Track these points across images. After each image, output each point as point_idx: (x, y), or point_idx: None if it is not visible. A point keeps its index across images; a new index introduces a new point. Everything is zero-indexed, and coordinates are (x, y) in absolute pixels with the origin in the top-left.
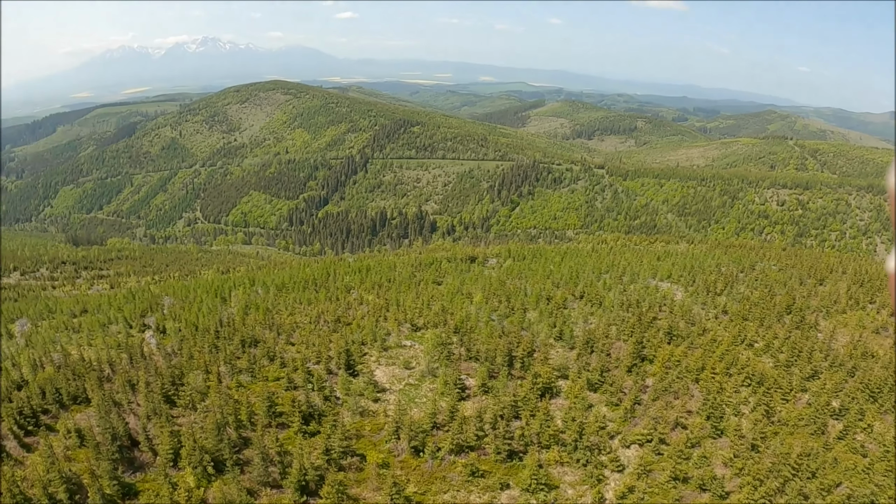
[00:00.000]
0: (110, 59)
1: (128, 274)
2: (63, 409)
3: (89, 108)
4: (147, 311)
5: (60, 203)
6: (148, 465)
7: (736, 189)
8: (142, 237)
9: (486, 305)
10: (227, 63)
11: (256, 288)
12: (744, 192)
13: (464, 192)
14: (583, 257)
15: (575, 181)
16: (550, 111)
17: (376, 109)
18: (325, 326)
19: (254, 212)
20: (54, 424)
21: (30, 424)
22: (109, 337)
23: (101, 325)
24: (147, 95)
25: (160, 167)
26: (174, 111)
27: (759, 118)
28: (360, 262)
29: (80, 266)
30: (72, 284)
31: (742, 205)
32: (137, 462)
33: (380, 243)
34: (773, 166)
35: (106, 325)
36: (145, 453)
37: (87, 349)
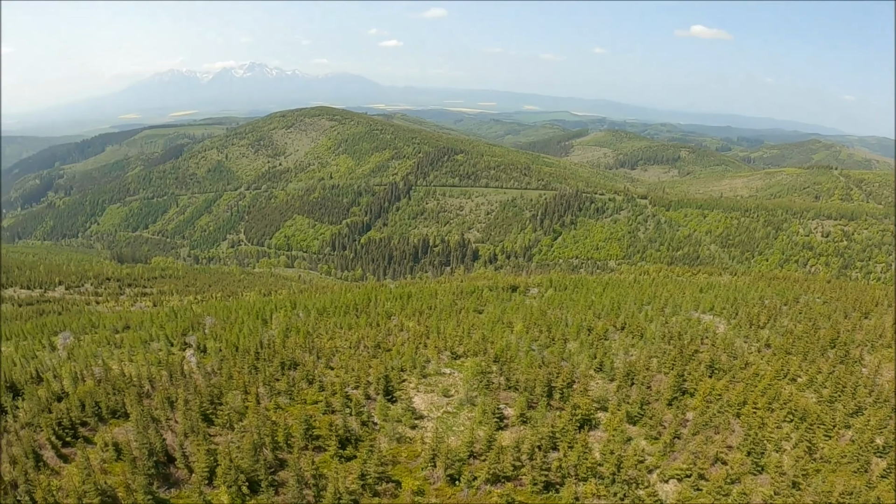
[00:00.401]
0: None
1: (171, 292)
2: (102, 422)
3: (137, 129)
4: (188, 329)
5: (107, 221)
6: (183, 481)
7: (780, 220)
8: (186, 257)
9: (527, 335)
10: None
11: (298, 311)
12: (788, 223)
13: (506, 221)
14: (625, 288)
15: (618, 211)
16: (594, 141)
17: (420, 137)
18: (365, 352)
19: (297, 236)
20: (92, 437)
21: (68, 436)
22: (150, 354)
23: (142, 342)
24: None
25: (206, 189)
26: (221, 134)
27: (804, 148)
28: (402, 288)
29: (124, 283)
30: (115, 300)
31: (786, 236)
32: (173, 478)
33: (422, 270)
34: (818, 197)
35: (147, 342)
36: (181, 470)
37: (127, 365)
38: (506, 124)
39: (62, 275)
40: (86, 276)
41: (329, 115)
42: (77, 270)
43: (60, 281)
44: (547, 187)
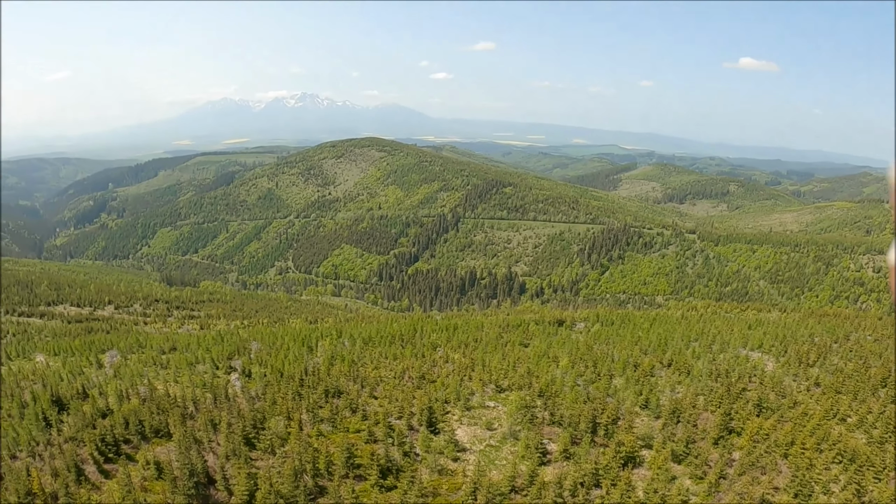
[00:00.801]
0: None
1: (218, 316)
2: (144, 440)
3: (190, 155)
4: (234, 353)
5: (158, 244)
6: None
7: (830, 255)
8: (234, 282)
9: (573, 370)
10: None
11: (343, 340)
12: (838, 258)
13: (554, 255)
14: (672, 324)
15: (666, 246)
16: (642, 174)
17: (469, 169)
18: (410, 382)
19: (344, 265)
20: (134, 454)
21: (110, 452)
22: (196, 376)
23: (188, 364)
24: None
25: (255, 216)
26: (271, 163)
27: (854, 181)
28: (448, 320)
29: (172, 305)
30: (163, 322)
31: (836, 272)
32: (212, 500)
33: (468, 302)
34: (869, 231)
35: (193, 364)
36: (221, 492)
37: (173, 385)
38: (554, 157)
39: (112, 294)
40: (135, 296)
41: (379, 146)
42: (127, 291)
43: (110, 300)
44: (595, 221)
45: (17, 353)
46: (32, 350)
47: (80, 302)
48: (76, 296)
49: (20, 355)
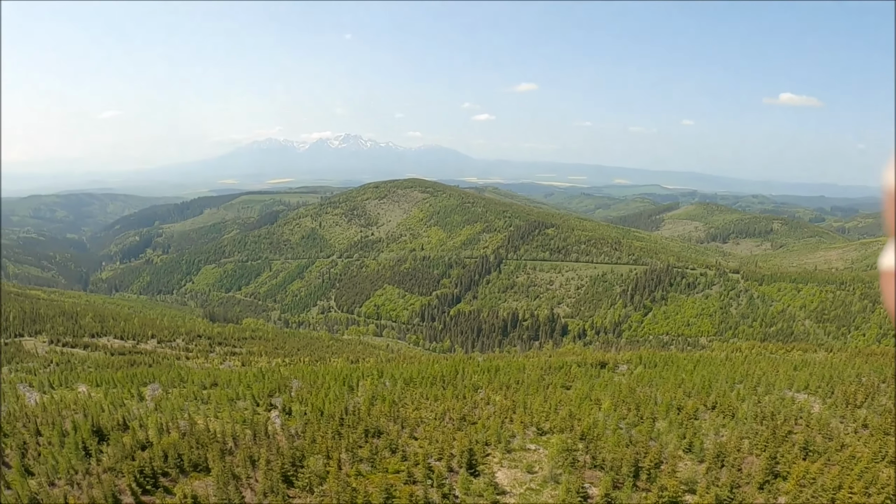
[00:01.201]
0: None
1: (259, 354)
2: (183, 474)
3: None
4: (275, 391)
5: (201, 280)
6: None
7: (877, 293)
8: (276, 320)
9: (615, 413)
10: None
11: (384, 380)
12: None
13: (596, 296)
14: (716, 366)
15: (709, 286)
16: (684, 214)
17: (511, 210)
18: (450, 424)
19: (387, 305)
20: (172, 487)
21: (149, 484)
22: (236, 412)
23: (228, 400)
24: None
25: (299, 255)
26: (315, 203)
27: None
28: (490, 361)
29: (214, 341)
30: (205, 357)
31: (883, 309)
32: None
33: (510, 344)
34: None
35: (234, 400)
36: None
37: (213, 420)
38: (596, 198)
39: (155, 328)
40: (178, 331)
41: (421, 187)
42: (170, 325)
43: (153, 334)
44: (637, 262)
45: (59, 382)
46: (75, 380)
47: (124, 335)
48: (120, 329)
49: (63, 385)
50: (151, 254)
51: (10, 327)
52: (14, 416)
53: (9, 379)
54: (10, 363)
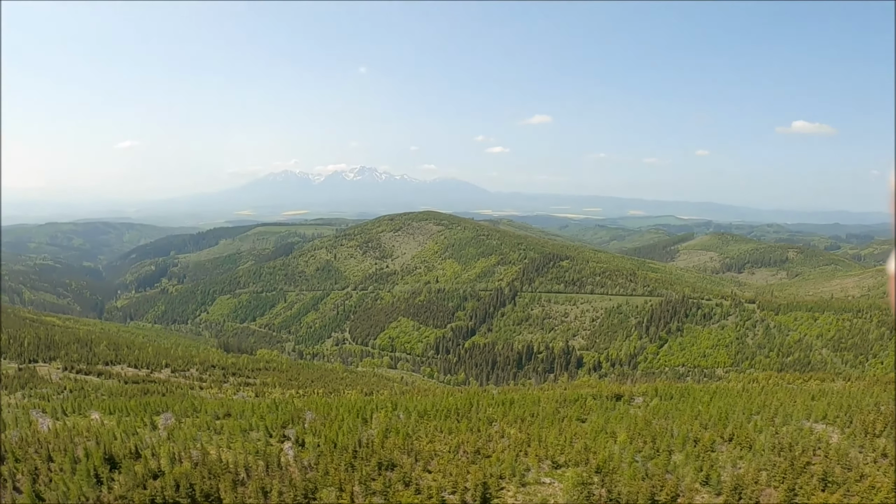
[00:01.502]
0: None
1: (273, 385)
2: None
3: (250, 225)
4: (288, 422)
5: (216, 310)
6: None
7: (893, 319)
8: (290, 351)
9: (631, 446)
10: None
11: (398, 412)
12: None
13: (612, 328)
14: (733, 397)
15: (725, 317)
16: (699, 244)
17: (526, 243)
18: (464, 457)
19: (401, 337)
20: None
21: None
22: (249, 443)
23: (241, 431)
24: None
25: (314, 287)
26: (330, 235)
27: None
28: (504, 394)
29: (228, 371)
30: (218, 388)
31: None
32: None
33: (525, 377)
34: None
35: (247, 431)
36: None
37: (225, 451)
38: (611, 230)
39: (169, 358)
40: (192, 361)
41: (436, 220)
42: (184, 355)
43: (167, 364)
44: (653, 293)
45: (72, 409)
46: (88, 407)
47: (138, 363)
48: (134, 357)
49: (76, 412)
50: (167, 283)
51: (25, 353)
52: (26, 442)
53: (22, 404)
54: (23, 388)
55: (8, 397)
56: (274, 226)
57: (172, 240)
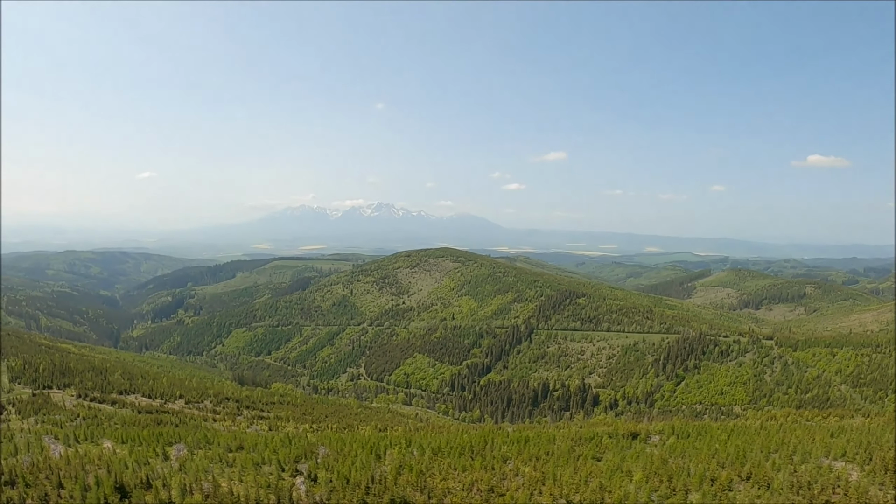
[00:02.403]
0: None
1: (287, 419)
2: None
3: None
4: (301, 457)
5: (232, 343)
6: None
7: None
8: (305, 386)
9: (647, 485)
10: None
11: (412, 449)
12: None
13: (628, 366)
14: (750, 435)
15: (743, 354)
16: (716, 281)
17: (542, 280)
18: (478, 495)
19: (416, 374)
20: None
21: None
22: (261, 476)
23: (254, 464)
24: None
25: (329, 322)
26: (347, 270)
27: None
28: (519, 432)
29: (242, 404)
30: (232, 420)
31: None
32: None
33: (540, 414)
34: None
35: (259, 465)
36: None
37: (237, 484)
38: (627, 267)
39: (183, 389)
40: (206, 392)
41: (453, 257)
42: (198, 386)
43: (181, 394)
44: (669, 330)
45: (85, 436)
46: (101, 435)
47: (152, 393)
48: (148, 387)
49: (88, 439)
50: (183, 314)
51: (40, 378)
52: (37, 468)
53: (35, 430)
54: (37, 414)
55: (21, 422)
56: (291, 260)
57: (190, 271)
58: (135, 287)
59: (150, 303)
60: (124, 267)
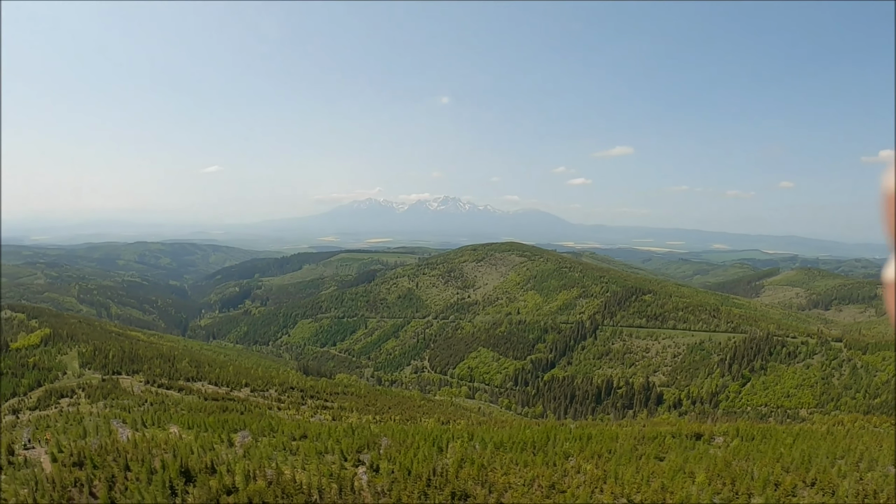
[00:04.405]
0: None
1: (350, 409)
2: None
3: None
4: (364, 447)
5: (297, 334)
6: None
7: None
8: (369, 377)
9: (709, 487)
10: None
11: (474, 443)
12: None
13: (693, 365)
14: (816, 440)
15: (811, 356)
16: (785, 280)
17: (608, 276)
18: (539, 491)
19: (480, 368)
20: None
21: None
22: (323, 465)
23: (317, 453)
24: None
25: (394, 314)
26: (412, 263)
27: None
28: (582, 429)
29: (306, 394)
30: (296, 409)
31: None
32: None
33: (603, 412)
34: None
35: (322, 454)
36: None
37: (300, 472)
38: (694, 264)
39: (249, 377)
40: (271, 382)
41: (519, 251)
42: (264, 375)
43: (247, 383)
44: (736, 330)
45: (152, 421)
46: (167, 421)
47: (218, 381)
48: (215, 375)
49: (155, 424)
50: (250, 305)
51: (109, 364)
52: (105, 450)
53: (103, 414)
54: (105, 398)
55: (90, 406)
56: (357, 253)
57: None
58: (203, 278)
59: (217, 293)
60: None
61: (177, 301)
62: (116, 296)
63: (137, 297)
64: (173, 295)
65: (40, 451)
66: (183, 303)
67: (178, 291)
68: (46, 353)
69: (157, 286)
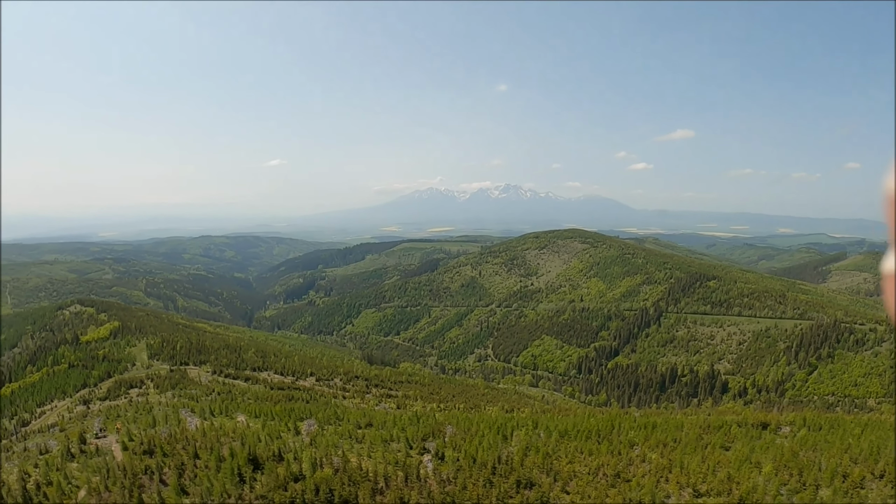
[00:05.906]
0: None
1: (415, 398)
2: None
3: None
4: (429, 435)
5: (361, 323)
6: None
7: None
8: (433, 366)
9: (776, 478)
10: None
11: (539, 431)
12: None
13: (759, 353)
14: (885, 430)
15: (879, 343)
16: (852, 265)
17: (672, 262)
18: (604, 480)
19: (544, 356)
20: None
21: None
22: (389, 453)
23: (382, 441)
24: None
25: (458, 303)
26: (475, 252)
27: None
28: (646, 417)
29: (371, 383)
30: (361, 398)
31: None
32: None
33: (667, 400)
34: None
35: (387, 442)
36: None
37: (366, 460)
38: (759, 248)
39: (314, 367)
40: (336, 371)
41: (581, 238)
42: (328, 365)
43: (312, 372)
44: (803, 316)
45: (220, 410)
46: (235, 410)
47: (284, 371)
48: (280, 364)
49: (223, 413)
50: (314, 295)
51: (177, 355)
52: (175, 438)
53: (172, 403)
54: (174, 388)
55: (159, 396)
56: (419, 242)
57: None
58: (267, 269)
59: (282, 284)
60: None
61: (242, 293)
62: (182, 289)
63: (203, 290)
64: (238, 287)
65: (111, 439)
66: (248, 294)
67: (243, 283)
68: (115, 346)
69: (223, 279)
